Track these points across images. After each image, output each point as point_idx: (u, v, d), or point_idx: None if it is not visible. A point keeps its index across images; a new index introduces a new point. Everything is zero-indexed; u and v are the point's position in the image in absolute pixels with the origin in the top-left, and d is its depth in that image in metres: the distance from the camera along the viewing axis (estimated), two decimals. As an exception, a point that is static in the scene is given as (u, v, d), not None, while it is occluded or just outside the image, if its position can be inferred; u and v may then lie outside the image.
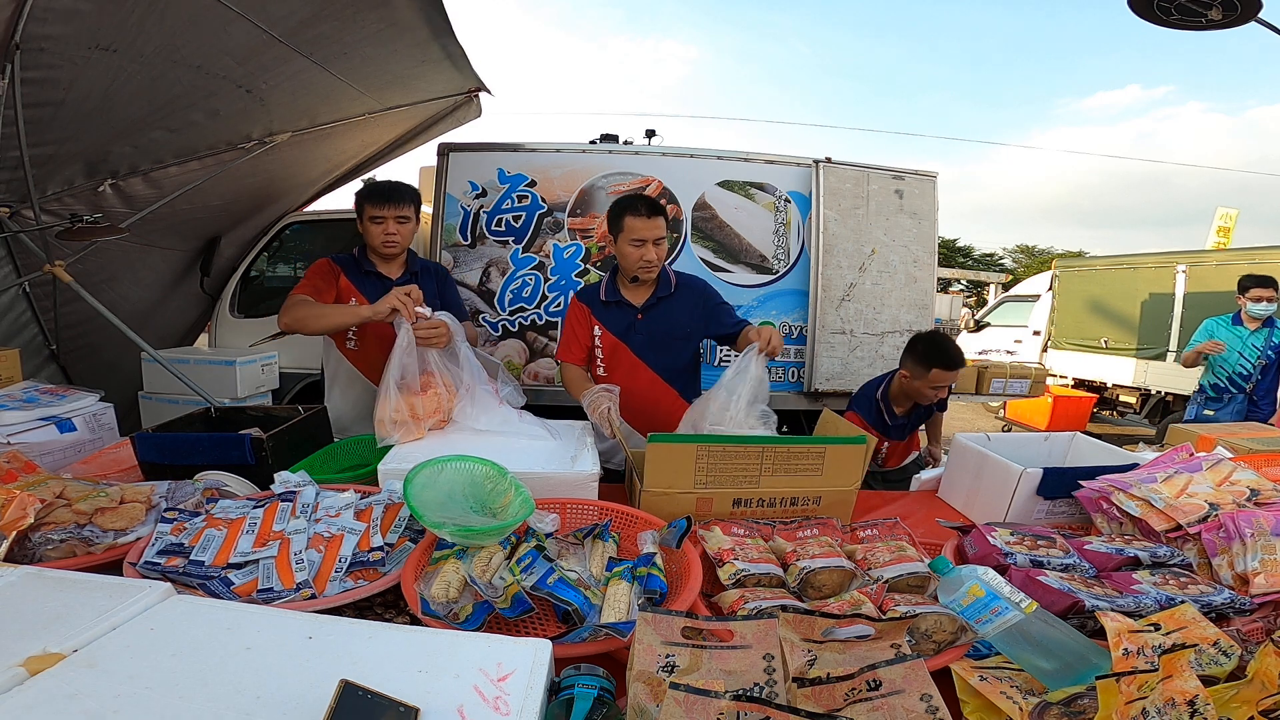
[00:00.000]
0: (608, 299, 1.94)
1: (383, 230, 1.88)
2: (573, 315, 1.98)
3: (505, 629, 0.87)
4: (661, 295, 1.93)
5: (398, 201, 1.89)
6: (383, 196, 1.88)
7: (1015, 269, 26.98)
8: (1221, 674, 0.77)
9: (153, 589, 0.76)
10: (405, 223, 1.91)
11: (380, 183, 1.94)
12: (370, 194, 1.90)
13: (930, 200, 4.06)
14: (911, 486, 1.80)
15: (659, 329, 1.93)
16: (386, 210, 1.87)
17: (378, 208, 1.87)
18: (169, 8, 2.00)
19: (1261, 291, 3.67)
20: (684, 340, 1.97)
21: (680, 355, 1.97)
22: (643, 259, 1.82)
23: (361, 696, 0.56)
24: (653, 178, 3.86)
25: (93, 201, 2.80)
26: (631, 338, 1.93)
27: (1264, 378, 3.69)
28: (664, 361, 1.94)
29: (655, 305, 1.93)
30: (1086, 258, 10.56)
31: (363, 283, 1.95)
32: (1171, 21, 3.74)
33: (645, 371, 1.92)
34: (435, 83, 3.35)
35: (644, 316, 1.92)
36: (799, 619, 0.77)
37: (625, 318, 1.93)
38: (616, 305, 1.94)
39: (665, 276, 1.95)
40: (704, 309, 1.95)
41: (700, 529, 1.14)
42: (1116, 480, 1.28)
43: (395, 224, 1.89)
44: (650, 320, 1.93)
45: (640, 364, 1.93)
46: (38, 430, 1.53)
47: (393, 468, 1.27)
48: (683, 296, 1.95)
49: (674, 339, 1.94)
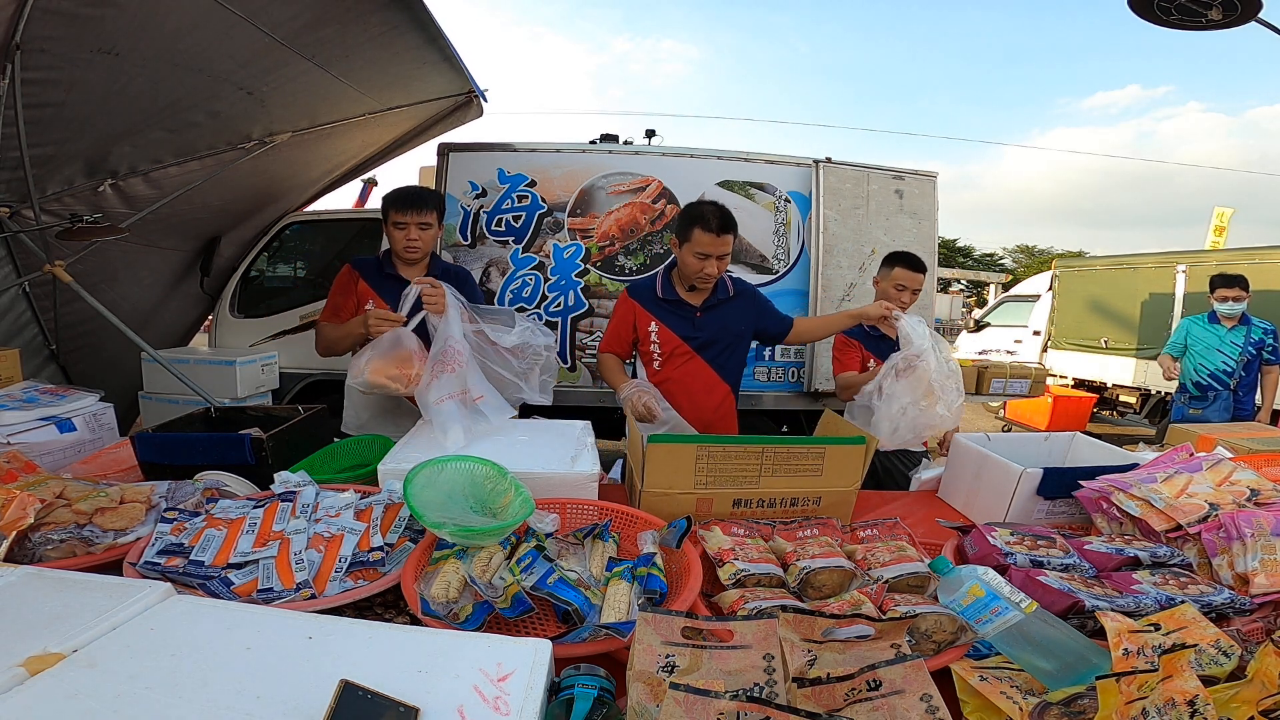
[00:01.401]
0: (665, 297, 2.00)
1: (405, 236, 1.91)
2: (623, 309, 2.05)
3: (505, 629, 0.87)
4: (721, 298, 2.01)
5: (420, 208, 1.90)
6: (406, 202, 1.89)
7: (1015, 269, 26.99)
8: (1221, 674, 0.77)
9: (153, 589, 0.76)
10: (427, 229, 1.93)
11: (404, 189, 1.95)
12: (394, 199, 1.91)
13: (930, 200, 4.06)
14: (911, 486, 1.80)
15: (718, 329, 2.00)
16: (409, 216, 1.89)
17: (401, 213, 1.89)
18: (171, 12, 2.01)
19: (1227, 292, 3.73)
20: (738, 340, 2.05)
21: (735, 354, 2.05)
22: (703, 271, 1.88)
23: (361, 696, 0.56)
24: (653, 178, 3.87)
25: (93, 201, 2.80)
26: (691, 337, 1.99)
27: (1247, 374, 3.73)
28: (721, 360, 2.01)
29: (714, 307, 2.00)
30: (1086, 258, 10.57)
31: (381, 285, 1.97)
32: (1171, 21, 3.74)
33: (703, 368, 1.99)
34: (436, 84, 3.36)
35: (703, 315, 1.99)
36: (799, 619, 0.77)
37: (685, 317, 1.99)
38: (675, 305, 2.00)
39: (723, 283, 2.02)
40: (755, 311, 2.06)
41: (700, 529, 1.14)
42: (1116, 480, 1.27)
43: (417, 229, 1.91)
44: (709, 320, 2.00)
45: (699, 360, 1.99)
46: (38, 430, 1.53)
47: (393, 468, 1.27)
48: (739, 302, 2.04)
49: (731, 338, 2.02)
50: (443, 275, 2.00)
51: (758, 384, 4.02)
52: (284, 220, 4.52)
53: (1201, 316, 3.93)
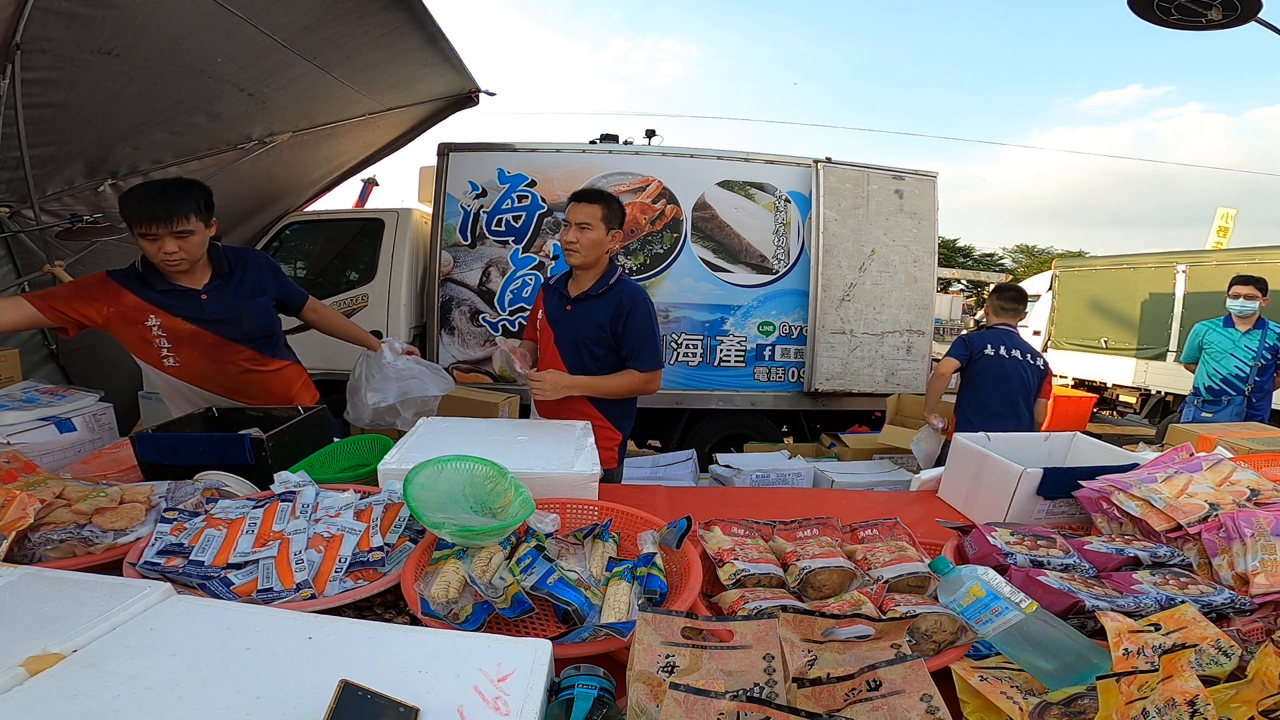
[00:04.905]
0: (556, 284, 1.97)
1: (159, 249, 1.59)
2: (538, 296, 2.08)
3: (505, 629, 0.87)
4: (593, 294, 1.88)
5: (168, 218, 1.56)
6: (147, 213, 1.55)
7: (1015, 269, 26.99)
8: (1222, 674, 0.77)
9: (153, 589, 0.76)
10: (187, 236, 1.61)
11: (140, 188, 1.61)
12: (131, 207, 1.57)
13: (930, 200, 4.06)
14: (911, 486, 1.80)
15: (577, 326, 1.90)
16: (159, 228, 1.56)
17: (147, 225, 1.56)
18: (172, 14, 2.01)
19: (1240, 289, 3.64)
20: (595, 345, 1.88)
21: (590, 360, 1.88)
22: (564, 240, 1.86)
23: (361, 696, 0.56)
24: (653, 178, 3.87)
25: (93, 201, 2.80)
26: (558, 327, 1.93)
27: (1261, 379, 3.66)
28: (573, 360, 1.89)
29: (584, 301, 1.89)
30: (1086, 258, 10.57)
31: (158, 300, 1.69)
32: (1171, 21, 3.75)
33: (559, 366, 1.89)
34: (436, 84, 3.36)
35: (572, 309, 1.91)
36: (799, 619, 0.77)
37: (559, 306, 1.93)
38: (558, 293, 1.94)
39: (606, 277, 1.90)
40: (618, 320, 1.85)
41: (700, 529, 1.14)
42: (1116, 480, 1.27)
43: (174, 241, 1.59)
44: (576, 314, 1.90)
45: (556, 356, 1.91)
46: (38, 430, 1.53)
47: (393, 468, 1.27)
48: (608, 301, 1.87)
49: (587, 341, 1.88)
50: (234, 265, 1.78)
51: (758, 384, 4.02)
52: (284, 220, 4.53)
53: (1217, 320, 3.83)
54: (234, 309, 1.76)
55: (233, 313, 1.76)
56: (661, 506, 1.49)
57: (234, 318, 1.76)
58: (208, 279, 1.75)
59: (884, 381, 4.04)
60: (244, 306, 1.78)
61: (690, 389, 3.99)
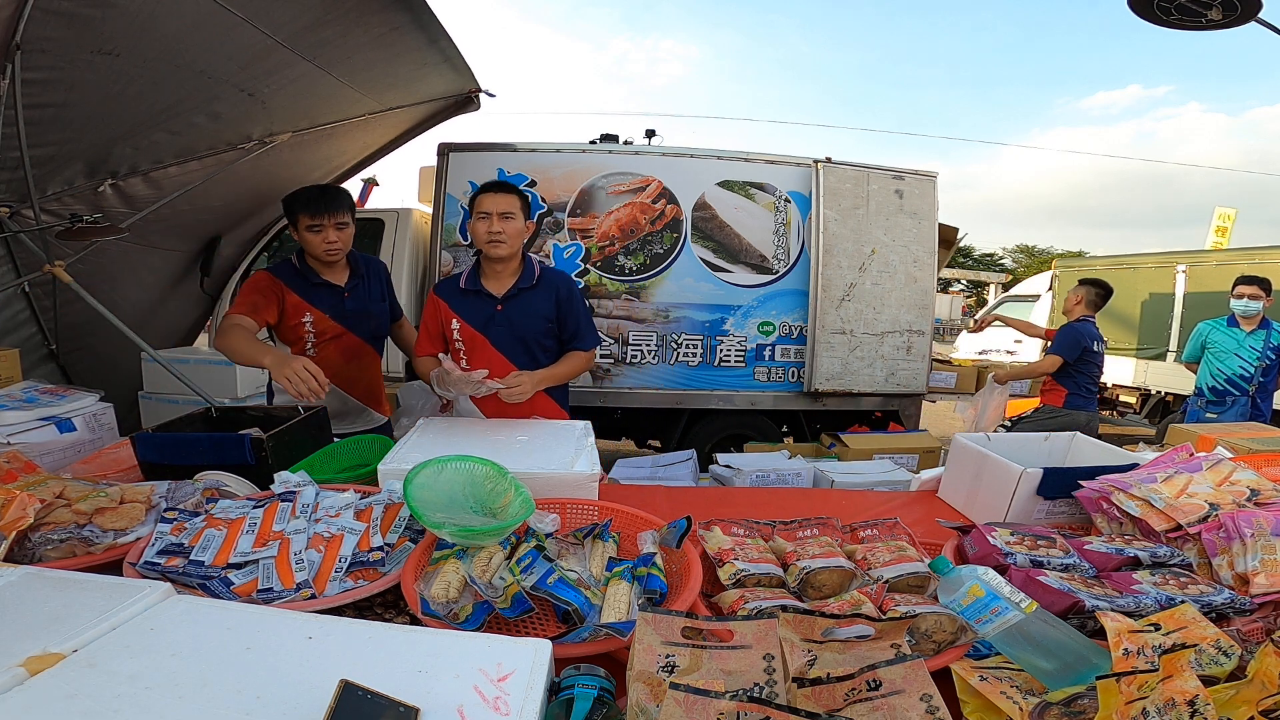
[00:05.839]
0: (467, 288, 1.88)
1: (323, 239, 1.88)
2: (429, 308, 1.93)
3: (505, 629, 0.87)
4: (524, 286, 1.87)
5: (335, 209, 1.88)
6: (319, 205, 1.86)
7: (1015, 269, 27.00)
8: (1221, 674, 0.77)
9: (153, 589, 0.76)
10: (344, 228, 1.91)
11: (311, 189, 1.92)
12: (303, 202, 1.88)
13: (930, 200, 4.06)
14: (912, 486, 1.80)
15: (519, 321, 1.87)
16: (324, 219, 1.86)
17: (314, 216, 1.86)
18: (172, 14, 2.01)
19: (1244, 288, 3.63)
20: (544, 337, 1.90)
21: (541, 353, 1.90)
22: (488, 231, 1.79)
23: (361, 696, 0.56)
24: (653, 178, 3.86)
25: (93, 201, 2.80)
26: (491, 330, 1.87)
27: (1265, 379, 3.65)
28: (524, 358, 1.87)
29: (516, 296, 1.86)
30: (1086, 258, 10.57)
31: (313, 295, 1.95)
32: (1171, 21, 3.74)
33: (507, 367, 1.82)
34: (437, 84, 3.36)
35: (504, 308, 1.86)
36: (799, 619, 0.77)
37: (485, 309, 1.87)
38: (475, 295, 1.88)
39: (530, 267, 1.89)
40: (560, 306, 1.89)
41: (700, 529, 1.14)
42: (1116, 480, 1.27)
43: (335, 231, 1.89)
44: (510, 311, 1.86)
45: (501, 358, 1.86)
46: (38, 430, 1.53)
47: (393, 468, 1.27)
48: (546, 291, 1.89)
49: (535, 333, 1.89)
50: (366, 268, 2.07)
51: (758, 384, 4.01)
52: (284, 220, 4.52)
53: (1220, 320, 3.82)
54: (367, 306, 2.04)
55: (365, 310, 2.03)
56: (661, 506, 1.49)
57: (366, 315, 2.04)
58: (348, 277, 2.02)
59: (884, 381, 4.04)
60: (373, 307, 2.06)
61: (690, 389, 3.99)
